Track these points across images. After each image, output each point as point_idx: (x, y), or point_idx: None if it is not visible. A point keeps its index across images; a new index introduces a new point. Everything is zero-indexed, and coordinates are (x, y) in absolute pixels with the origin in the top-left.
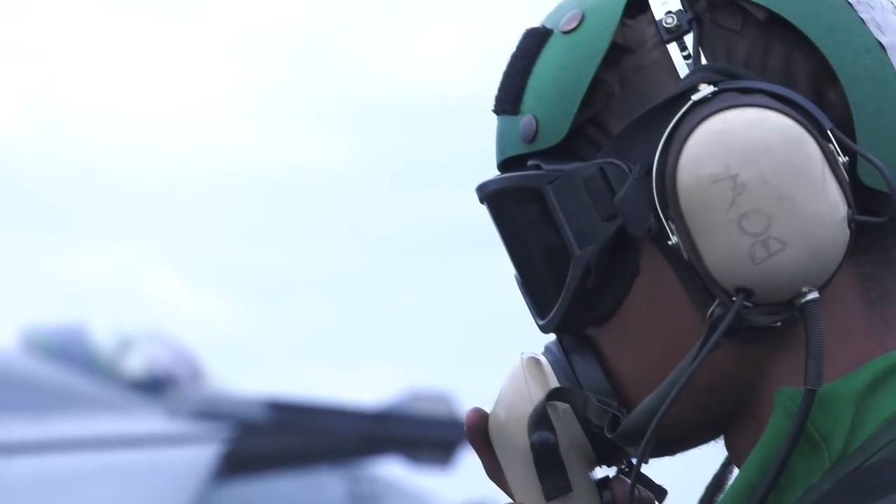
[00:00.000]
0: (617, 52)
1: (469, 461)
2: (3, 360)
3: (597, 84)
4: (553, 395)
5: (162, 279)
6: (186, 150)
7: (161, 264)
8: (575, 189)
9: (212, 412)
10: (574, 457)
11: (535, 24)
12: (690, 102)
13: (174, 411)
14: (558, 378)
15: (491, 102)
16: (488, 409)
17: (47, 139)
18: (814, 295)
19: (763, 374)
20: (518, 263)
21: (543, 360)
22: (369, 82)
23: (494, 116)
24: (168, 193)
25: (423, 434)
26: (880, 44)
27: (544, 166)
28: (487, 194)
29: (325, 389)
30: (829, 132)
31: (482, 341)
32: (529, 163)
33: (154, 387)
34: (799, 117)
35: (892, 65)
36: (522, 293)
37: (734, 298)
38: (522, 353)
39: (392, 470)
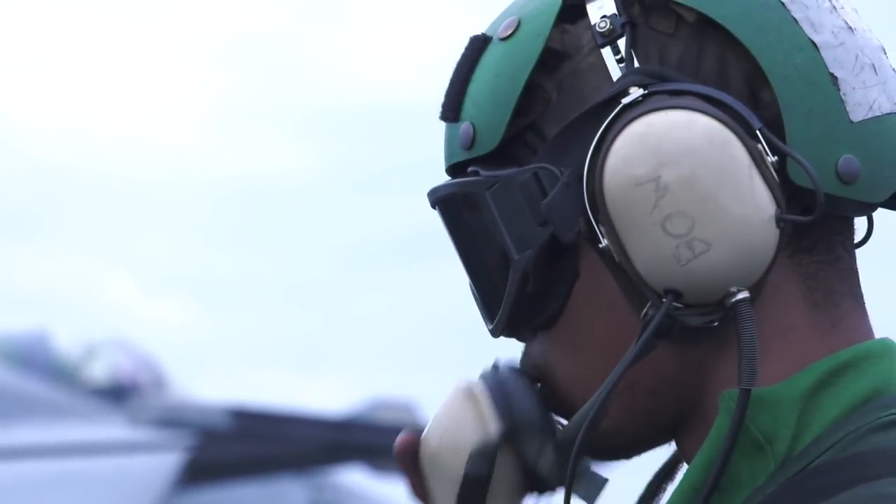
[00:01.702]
0: (555, 58)
1: None
2: None
3: (534, 90)
4: (506, 434)
5: (120, 285)
6: (146, 156)
7: (119, 270)
8: (511, 194)
9: (174, 419)
10: (502, 491)
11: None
12: (620, 106)
13: (137, 418)
14: (494, 407)
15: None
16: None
17: None
18: (743, 294)
19: (707, 376)
20: (467, 268)
21: (480, 388)
22: (335, 88)
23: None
24: (126, 199)
25: (386, 442)
26: (813, 43)
27: (482, 172)
28: (435, 200)
29: (286, 397)
30: (758, 132)
31: (446, 349)
32: (469, 169)
33: (117, 394)
34: (725, 118)
35: (825, 64)
36: (473, 298)
37: (664, 300)
38: (459, 381)
39: (355, 478)
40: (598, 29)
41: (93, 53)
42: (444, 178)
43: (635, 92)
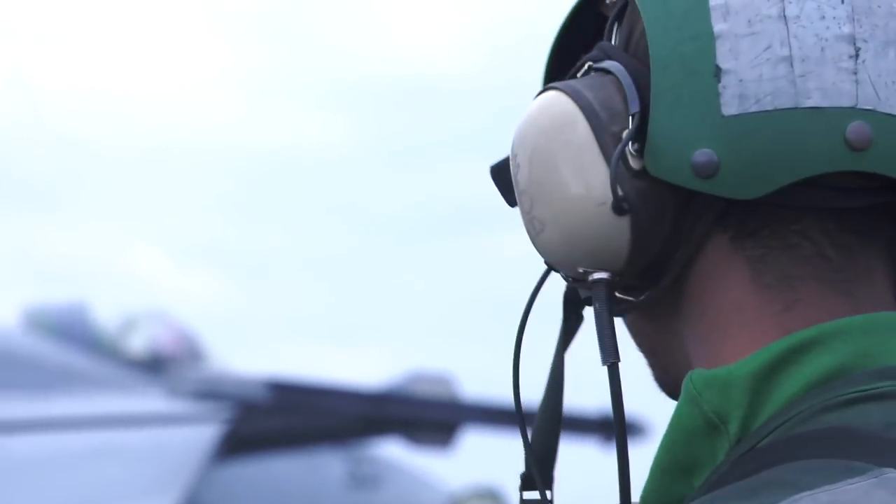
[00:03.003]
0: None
1: (469, 443)
2: (4, 339)
3: None
4: None
5: (152, 258)
6: (177, 129)
7: (152, 244)
8: None
9: (213, 392)
10: None
11: (535, 4)
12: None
13: (175, 390)
14: None
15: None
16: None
17: (29, 118)
18: (600, 275)
19: (682, 346)
20: None
21: None
22: (366, 62)
23: (493, 97)
24: (157, 172)
25: (424, 415)
26: (712, 32)
27: None
28: None
29: (323, 370)
30: (630, 118)
31: (482, 323)
32: None
33: (155, 366)
34: (587, 100)
35: (713, 55)
36: None
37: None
38: None
39: (392, 451)
40: (608, 1)
41: (121, 27)
42: (481, 154)
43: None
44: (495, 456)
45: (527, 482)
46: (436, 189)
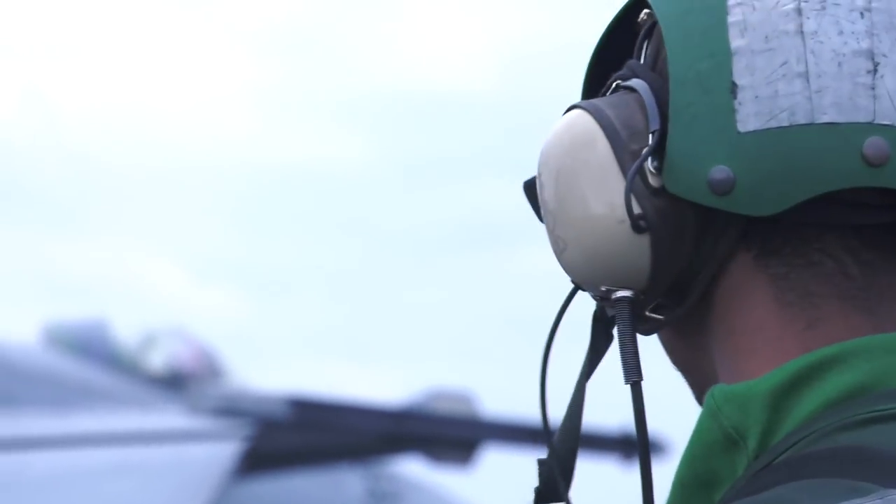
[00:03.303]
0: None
1: (489, 461)
2: (24, 355)
3: None
4: None
5: (170, 275)
6: (195, 145)
7: (169, 260)
8: None
9: (233, 409)
10: None
11: (551, 20)
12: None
13: (195, 407)
14: None
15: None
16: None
17: (46, 135)
18: (623, 293)
19: (711, 363)
20: None
21: None
22: (383, 78)
23: (509, 112)
24: (176, 189)
25: (444, 433)
26: (729, 49)
27: None
28: None
29: (342, 387)
30: (650, 136)
31: (501, 340)
32: None
33: (175, 382)
34: (608, 119)
35: (730, 71)
36: None
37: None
38: None
39: (412, 468)
40: (640, 19)
41: (139, 43)
42: (498, 168)
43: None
44: (515, 474)
45: (540, 496)
46: (454, 205)
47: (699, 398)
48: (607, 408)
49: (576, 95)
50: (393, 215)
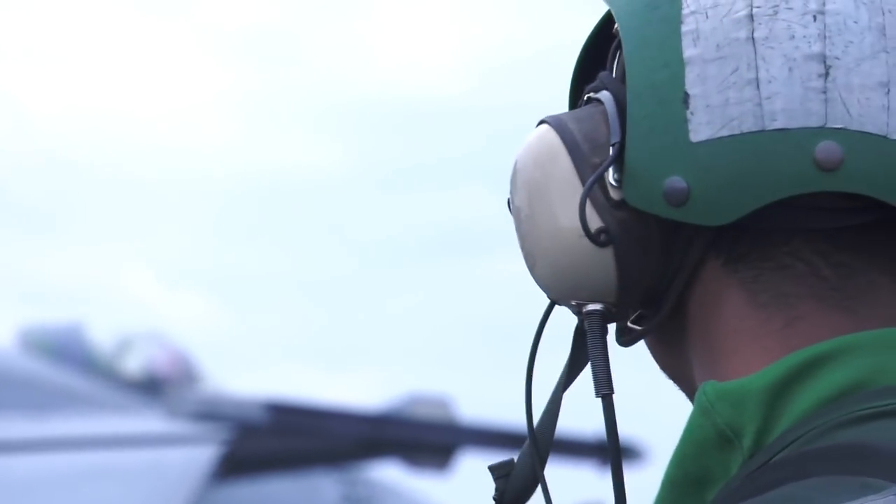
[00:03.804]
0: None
1: (466, 466)
2: (0, 359)
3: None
4: None
5: (143, 280)
6: (173, 152)
7: (142, 265)
8: None
9: (210, 413)
10: None
11: (528, 27)
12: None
13: (172, 411)
14: None
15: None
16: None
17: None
18: (592, 307)
19: (692, 369)
20: None
21: None
22: (361, 85)
23: (487, 119)
24: (153, 195)
25: (421, 438)
26: (682, 59)
27: None
28: None
29: (319, 393)
30: (611, 148)
31: (478, 345)
32: None
33: (152, 387)
34: (570, 133)
35: (683, 81)
36: None
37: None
38: None
39: (389, 473)
40: (614, 30)
41: (115, 49)
42: (470, 176)
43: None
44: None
45: None
46: (432, 211)
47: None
48: (584, 414)
49: (554, 102)
50: (370, 222)
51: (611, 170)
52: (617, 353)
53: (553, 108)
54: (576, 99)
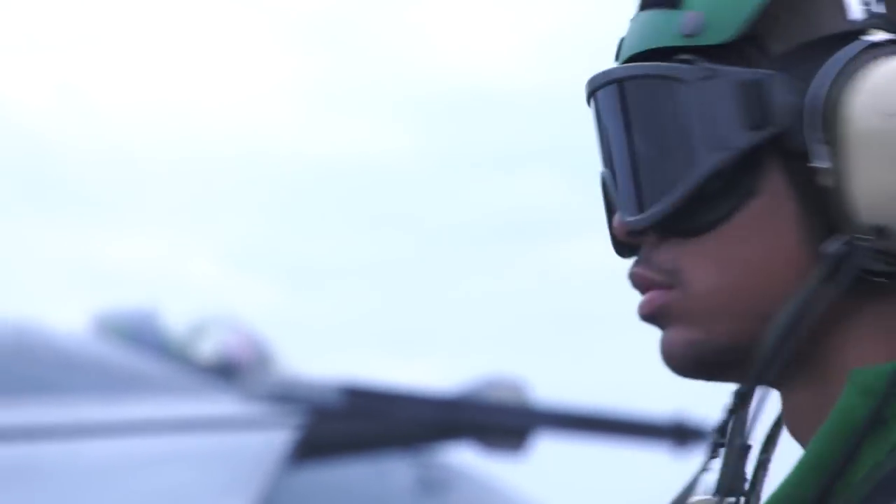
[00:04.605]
0: None
1: (540, 449)
2: (75, 344)
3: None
4: None
5: (216, 265)
6: (240, 139)
7: (216, 250)
8: (726, 92)
9: (285, 396)
10: None
11: (599, 10)
12: (868, 43)
13: (247, 395)
14: None
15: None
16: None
17: (87, 129)
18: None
19: (845, 333)
20: (624, 154)
21: None
22: (428, 73)
23: (556, 106)
24: (220, 180)
25: (495, 421)
26: None
27: (699, 63)
28: (614, 79)
29: (393, 376)
30: None
31: (553, 330)
32: (680, 56)
33: (226, 371)
34: None
35: None
36: (617, 186)
37: (865, 236)
38: None
39: (463, 457)
40: None
41: (181, 36)
42: (539, 164)
43: (881, 35)
44: (566, 462)
45: (723, 488)
46: (501, 197)
47: (791, 364)
48: (659, 396)
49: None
50: (440, 207)
51: None
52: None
53: None
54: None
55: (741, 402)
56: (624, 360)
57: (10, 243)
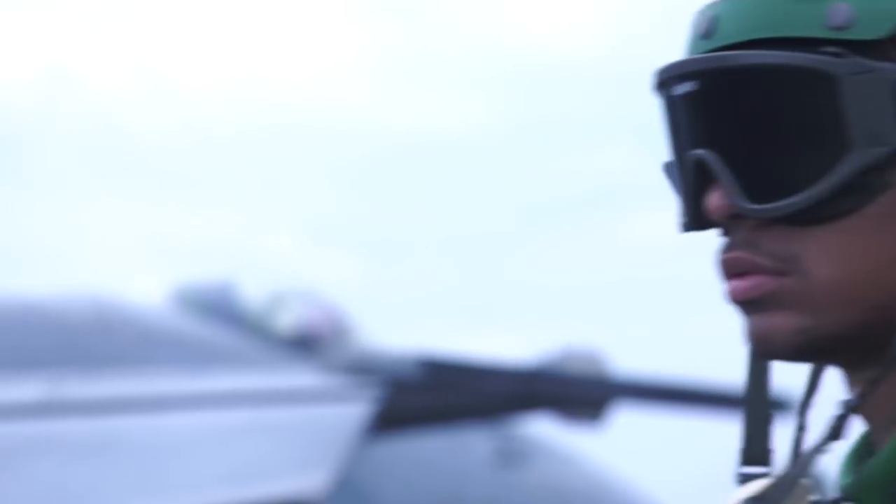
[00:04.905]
0: None
1: (618, 420)
2: (155, 317)
3: None
4: None
5: (294, 238)
6: (315, 113)
7: (294, 224)
8: (881, 89)
9: (364, 369)
10: None
11: None
12: None
13: (326, 368)
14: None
15: None
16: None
17: (165, 110)
18: None
19: None
20: (751, 141)
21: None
22: (500, 44)
23: (635, 79)
24: (295, 155)
25: (573, 393)
26: None
27: (850, 58)
28: (750, 66)
29: (471, 349)
30: None
31: (632, 301)
32: (828, 49)
33: (305, 343)
34: None
35: None
36: (733, 169)
37: None
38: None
39: (542, 428)
40: None
41: (253, 12)
42: (614, 136)
43: None
44: (645, 433)
45: (746, 456)
46: (578, 170)
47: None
48: (737, 366)
49: None
50: (518, 179)
51: None
52: None
53: None
54: None
55: (871, 388)
56: (703, 331)
57: (90, 220)
